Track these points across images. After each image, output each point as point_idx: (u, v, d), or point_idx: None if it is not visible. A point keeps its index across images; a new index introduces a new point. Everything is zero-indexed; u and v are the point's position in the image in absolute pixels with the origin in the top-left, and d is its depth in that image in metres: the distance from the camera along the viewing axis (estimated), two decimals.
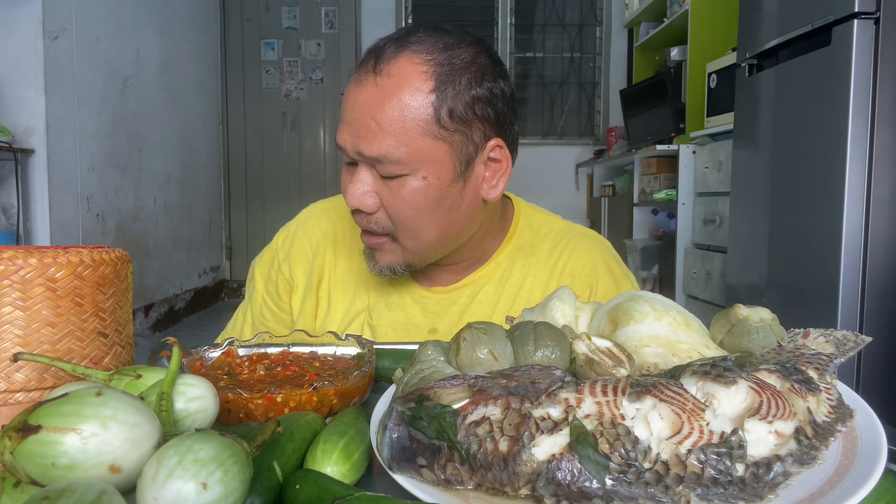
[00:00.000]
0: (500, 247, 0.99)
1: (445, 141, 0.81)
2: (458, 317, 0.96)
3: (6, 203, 2.77)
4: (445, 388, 0.47)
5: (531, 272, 0.98)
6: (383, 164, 0.80)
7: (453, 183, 0.83)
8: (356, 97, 0.81)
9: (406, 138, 0.79)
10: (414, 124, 0.79)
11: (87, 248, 0.61)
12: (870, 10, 1.91)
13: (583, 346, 0.54)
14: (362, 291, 0.99)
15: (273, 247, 1.06)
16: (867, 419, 0.48)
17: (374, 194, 0.83)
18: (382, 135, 0.79)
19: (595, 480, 0.40)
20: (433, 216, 0.84)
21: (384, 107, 0.79)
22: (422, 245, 0.87)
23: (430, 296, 0.98)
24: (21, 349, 0.56)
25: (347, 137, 0.82)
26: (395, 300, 0.98)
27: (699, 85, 3.45)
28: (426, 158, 0.81)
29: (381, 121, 0.79)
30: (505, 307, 0.96)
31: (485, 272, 0.98)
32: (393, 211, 0.83)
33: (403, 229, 0.84)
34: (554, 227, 1.02)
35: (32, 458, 0.38)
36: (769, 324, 0.57)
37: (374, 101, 0.79)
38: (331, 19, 5.27)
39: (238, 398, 0.57)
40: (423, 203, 0.82)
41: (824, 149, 2.05)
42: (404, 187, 0.81)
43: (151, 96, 3.91)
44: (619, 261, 1.03)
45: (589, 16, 5.41)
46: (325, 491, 0.43)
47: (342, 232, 1.02)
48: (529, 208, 1.04)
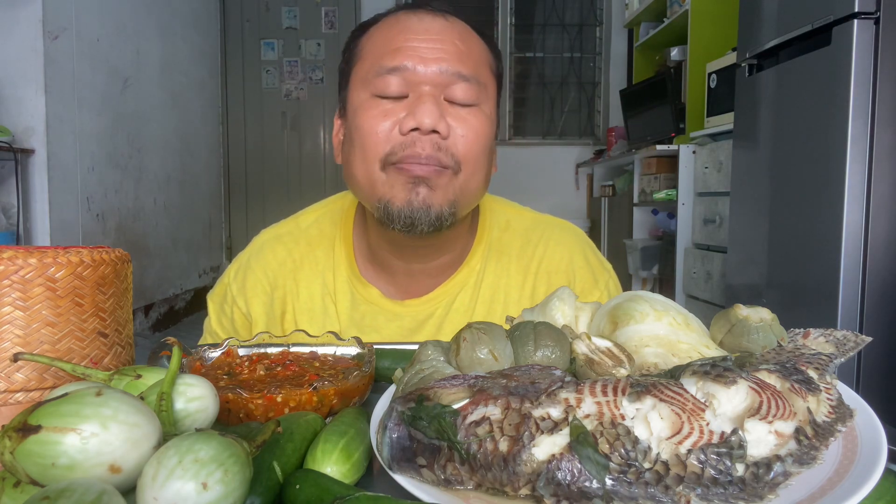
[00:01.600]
0: (472, 248, 0.95)
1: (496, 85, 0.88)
2: (435, 329, 0.92)
3: (6, 203, 2.77)
4: (445, 388, 0.47)
5: (504, 273, 0.95)
6: (469, 84, 0.81)
7: (494, 132, 0.87)
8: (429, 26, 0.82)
9: (483, 66, 0.85)
10: (486, 57, 0.86)
11: (87, 248, 0.61)
12: (870, 10, 1.91)
13: (583, 346, 0.54)
14: (332, 318, 0.93)
15: (225, 281, 0.99)
16: (867, 419, 0.48)
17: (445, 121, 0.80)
18: (470, 56, 0.83)
19: (595, 480, 0.40)
20: (486, 157, 0.85)
21: (466, 36, 0.84)
22: (474, 185, 0.85)
23: (405, 311, 0.93)
24: (21, 349, 0.56)
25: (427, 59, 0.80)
26: (367, 322, 0.93)
27: (699, 85, 3.45)
28: (490, 95, 0.85)
29: (468, 45, 0.83)
30: (482, 312, 0.93)
31: (459, 279, 0.94)
32: (464, 140, 0.81)
33: (469, 159, 0.82)
34: (523, 222, 0.98)
35: (32, 458, 0.38)
36: (769, 324, 0.57)
37: (453, 30, 0.83)
38: (331, 19, 5.27)
39: (238, 398, 0.57)
40: (485, 138, 0.84)
41: (824, 149, 2.05)
42: (475, 117, 0.82)
43: (151, 96, 3.91)
44: (595, 250, 1.00)
45: (589, 16, 5.41)
46: (325, 491, 0.43)
47: (300, 257, 0.96)
48: (495, 202, 1.01)
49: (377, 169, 0.81)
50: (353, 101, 0.84)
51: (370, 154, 0.81)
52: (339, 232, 0.97)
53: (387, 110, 0.81)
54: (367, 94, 0.82)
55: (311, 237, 0.97)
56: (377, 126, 0.80)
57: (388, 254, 0.92)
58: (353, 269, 0.95)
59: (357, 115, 0.83)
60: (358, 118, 0.82)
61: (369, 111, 0.81)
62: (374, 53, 0.83)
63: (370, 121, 0.81)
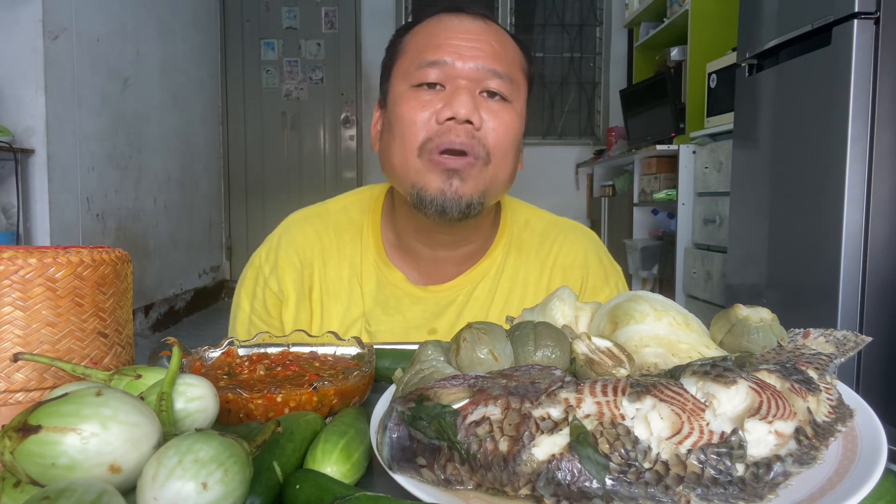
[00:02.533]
0: (494, 241, 1.00)
1: (527, 84, 0.95)
2: (456, 315, 0.97)
3: (6, 203, 2.77)
4: (445, 388, 0.47)
5: (523, 267, 1.00)
6: (502, 81, 0.88)
7: (522, 130, 0.93)
8: (468, 27, 0.89)
9: (516, 66, 0.92)
10: (519, 59, 0.93)
11: (87, 248, 0.61)
12: (870, 10, 1.91)
13: (583, 346, 0.54)
14: (357, 299, 0.97)
15: (256, 264, 1.02)
16: (867, 419, 0.48)
17: (479, 113, 0.86)
18: (505, 55, 0.90)
19: (595, 480, 0.40)
20: (514, 151, 0.91)
21: (501, 38, 0.91)
22: (503, 176, 0.90)
23: (428, 296, 0.97)
24: (21, 349, 0.56)
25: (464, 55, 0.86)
26: (392, 304, 0.97)
27: (699, 85, 3.45)
28: (520, 93, 0.92)
29: (504, 46, 0.90)
30: (500, 302, 0.98)
31: (480, 268, 0.99)
32: (495, 132, 0.87)
33: (499, 151, 0.88)
34: (542, 222, 1.04)
35: (32, 458, 0.38)
36: (769, 324, 0.57)
37: (490, 31, 0.90)
38: (331, 19, 5.27)
39: (238, 398, 0.57)
40: (514, 132, 0.90)
41: (824, 149, 2.05)
42: (507, 112, 0.88)
43: (151, 96, 3.91)
44: (606, 253, 1.05)
45: (589, 16, 5.41)
46: (325, 491, 0.43)
47: (328, 240, 1.00)
48: (515, 202, 1.06)
49: (414, 156, 0.87)
50: (394, 92, 0.90)
51: (408, 141, 0.87)
52: (367, 219, 1.01)
53: (425, 101, 0.86)
54: (407, 85, 0.88)
55: (340, 222, 1.02)
56: (416, 115, 0.86)
57: (415, 241, 0.96)
58: (380, 253, 0.99)
59: (397, 105, 0.88)
60: (398, 107, 0.88)
61: (409, 101, 0.87)
62: (417, 48, 0.89)
63: (410, 110, 0.87)
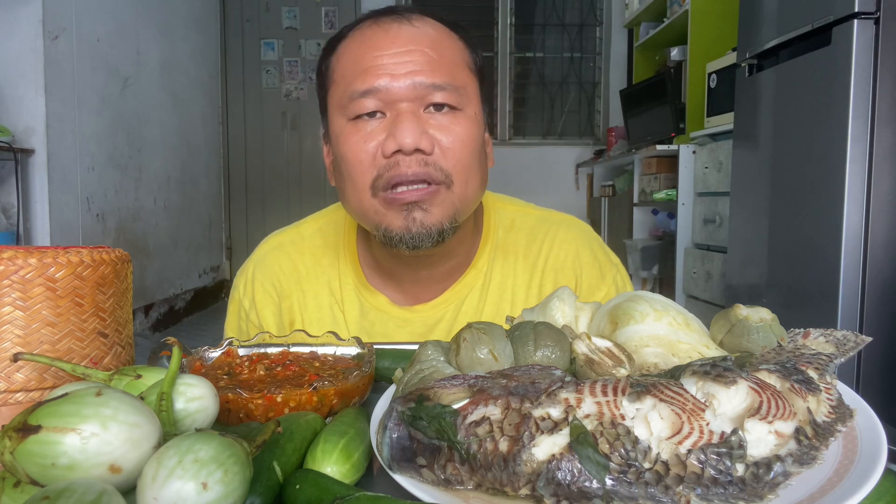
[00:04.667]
0: (478, 250, 0.94)
1: (477, 81, 0.84)
2: (446, 333, 0.92)
3: (6, 203, 2.77)
4: (445, 388, 0.47)
5: (511, 273, 0.94)
6: (446, 92, 0.79)
7: (483, 131, 0.85)
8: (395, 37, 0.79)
9: (459, 68, 0.82)
10: (461, 56, 0.83)
11: (87, 248, 0.61)
12: (870, 10, 1.91)
13: (583, 346, 0.54)
14: (342, 327, 0.93)
15: (236, 298, 0.99)
16: (867, 419, 0.48)
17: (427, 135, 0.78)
18: (444, 62, 0.80)
19: (595, 480, 0.40)
20: (477, 159, 0.83)
21: (436, 39, 0.81)
22: (470, 193, 0.83)
23: (414, 317, 0.92)
24: (21, 349, 0.56)
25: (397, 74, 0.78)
26: (377, 330, 0.92)
27: (699, 85, 3.45)
28: (471, 95, 0.82)
29: (440, 50, 0.80)
30: (491, 313, 0.92)
31: (466, 281, 0.93)
32: (451, 151, 0.79)
33: (460, 169, 0.80)
34: (528, 219, 0.97)
35: (32, 458, 0.38)
36: (769, 324, 0.57)
37: (422, 36, 0.80)
38: (331, 19, 5.27)
39: (238, 398, 0.57)
40: (472, 142, 0.81)
41: (824, 149, 2.05)
42: (458, 123, 0.80)
43: (151, 96, 3.91)
44: (601, 245, 0.99)
45: (589, 16, 5.41)
46: (325, 491, 0.43)
47: (304, 268, 0.95)
48: (499, 201, 1.00)
49: (368, 196, 0.81)
50: (334, 128, 0.84)
51: (359, 182, 0.81)
52: (342, 241, 0.96)
53: (367, 135, 0.79)
54: (344, 119, 0.81)
55: (315, 247, 0.96)
56: (360, 153, 0.79)
57: (394, 264, 0.92)
58: (359, 277, 0.94)
59: (340, 144, 0.82)
60: (341, 146, 0.82)
61: (350, 138, 0.80)
62: (346, 77, 0.81)
63: (352, 148, 0.80)
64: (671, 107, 3.67)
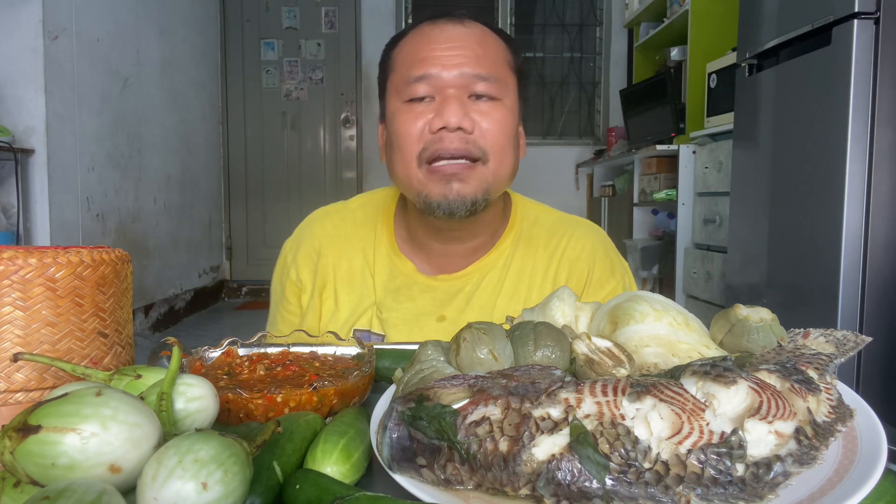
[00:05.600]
0: (503, 235, 1.04)
1: (516, 78, 0.96)
2: (464, 303, 1.00)
3: (6, 203, 2.77)
4: (445, 388, 0.47)
5: (531, 259, 1.03)
6: (488, 82, 0.90)
7: (518, 122, 0.97)
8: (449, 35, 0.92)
9: (501, 64, 0.94)
10: (503, 55, 0.95)
11: (87, 248, 0.61)
12: (870, 10, 1.91)
13: (583, 346, 0.54)
14: (369, 289, 1.02)
15: (283, 254, 1.11)
16: (867, 419, 0.48)
17: (469, 117, 0.90)
18: (488, 57, 0.92)
19: (595, 480, 0.40)
20: (512, 144, 0.95)
21: (483, 39, 0.93)
22: (504, 171, 0.94)
23: (437, 284, 1.01)
24: (21, 349, 0.56)
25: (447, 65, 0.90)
26: (403, 292, 1.01)
27: (699, 85, 3.45)
28: (510, 89, 0.94)
29: (485, 47, 0.93)
30: (508, 293, 1.01)
31: (489, 260, 1.02)
32: (489, 132, 0.91)
33: (496, 150, 0.91)
34: (550, 217, 1.08)
35: (32, 458, 0.38)
36: (769, 324, 0.57)
37: (470, 35, 0.92)
38: (331, 19, 5.27)
39: (238, 398, 0.57)
40: (509, 128, 0.93)
41: (824, 149, 2.05)
42: (497, 110, 0.92)
43: (151, 96, 3.91)
44: (614, 249, 1.08)
45: (589, 16, 5.41)
46: (325, 491, 0.43)
47: (344, 232, 1.06)
48: (526, 201, 1.10)
49: (415, 166, 0.92)
50: (390, 108, 0.95)
51: (407, 153, 0.92)
52: (381, 216, 1.08)
53: (418, 113, 0.91)
54: (400, 101, 0.93)
55: (357, 217, 1.08)
56: (411, 128, 0.91)
57: (427, 237, 1.01)
58: (392, 246, 1.05)
59: (394, 120, 0.94)
60: (395, 123, 0.93)
61: (403, 115, 0.92)
62: (405, 64, 0.93)
63: (405, 124, 0.92)
64: (671, 107, 3.67)
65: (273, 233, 5.27)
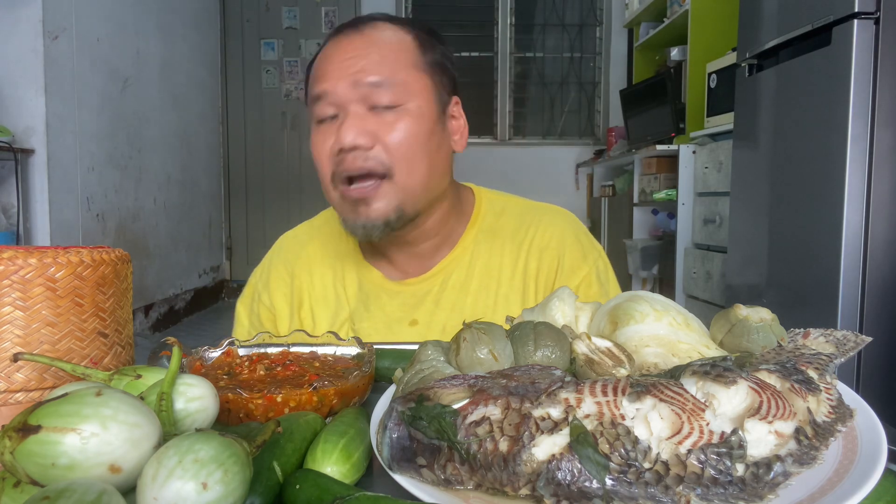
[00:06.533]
0: (464, 232, 1.03)
1: (428, 76, 0.92)
2: (434, 304, 1.00)
3: (6, 203, 2.77)
4: (445, 388, 0.47)
5: (498, 252, 1.01)
6: (385, 89, 0.87)
7: (436, 122, 0.92)
8: (344, 47, 0.90)
9: (400, 66, 0.89)
10: (405, 55, 0.91)
11: (87, 248, 0.61)
12: (870, 10, 1.91)
13: (583, 346, 0.54)
14: (343, 302, 1.02)
15: (252, 283, 1.10)
16: (867, 419, 0.48)
17: (369, 132, 0.87)
18: (382, 62, 0.88)
19: (595, 480, 0.40)
20: (425, 150, 0.90)
21: (379, 43, 0.90)
22: (415, 181, 0.90)
23: (404, 289, 1.01)
24: (21, 349, 0.56)
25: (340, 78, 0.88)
26: (373, 301, 1.01)
27: (699, 85, 3.45)
28: (417, 90, 0.90)
29: (382, 51, 0.89)
30: (477, 289, 1.00)
31: (453, 258, 1.02)
32: (392, 143, 0.88)
33: (401, 161, 0.88)
34: (518, 207, 1.06)
35: (32, 458, 0.38)
36: (769, 324, 0.57)
37: (366, 43, 0.90)
38: (331, 19, 5.27)
39: (238, 398, 0.57)
40: (417, 133, 0.89)
41: (824, 149, 2.05)
42: (400, 119, 0.88)
43: (151, 96, 3.91)
44: (585, 232, 1.06)
45: (589, 16, 5.41)
46: (325, 491, 0.43)
47: (313, 251, 1.06)
48: (491, 193, 1.08)
49: (331, 189, 0.92)
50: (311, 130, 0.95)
51: (322, 176, 0.93)
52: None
53: (325, 135, 0.90)
54: (313, 122, 0.93)
55: (323, 233, 1.09)
56: (321, 151, 0.91)
57: (383, 244, 1.01)
58: (358, 256, 1.05)
59: (311, 143, 0.94)
60: (311, 146, 0.94)
61: (314, 137, 0.93)
62: (311, 84, 0.93)
63: (315, 147, 0.92)
64: (671, 107, 3.67)
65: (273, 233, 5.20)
